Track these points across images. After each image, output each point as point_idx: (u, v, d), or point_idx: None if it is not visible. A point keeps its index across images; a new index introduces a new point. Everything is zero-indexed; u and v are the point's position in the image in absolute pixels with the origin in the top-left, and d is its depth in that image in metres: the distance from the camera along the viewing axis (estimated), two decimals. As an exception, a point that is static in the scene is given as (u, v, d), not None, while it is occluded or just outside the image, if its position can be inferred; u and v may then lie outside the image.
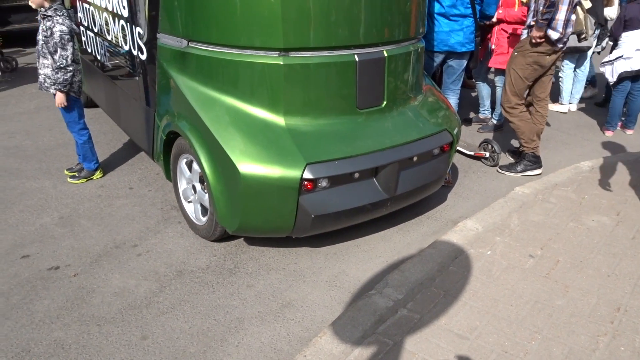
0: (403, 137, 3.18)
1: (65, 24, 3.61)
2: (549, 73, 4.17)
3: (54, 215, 3.63)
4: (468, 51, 4.52)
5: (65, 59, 3.62)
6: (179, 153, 3.31)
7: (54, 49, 3.61)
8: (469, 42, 4.44)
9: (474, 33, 4.45)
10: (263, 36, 2.82)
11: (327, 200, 2.91)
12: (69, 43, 3.62)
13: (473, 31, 4.44)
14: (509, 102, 4.14)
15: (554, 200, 3.76)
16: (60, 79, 3.65)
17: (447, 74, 4.68)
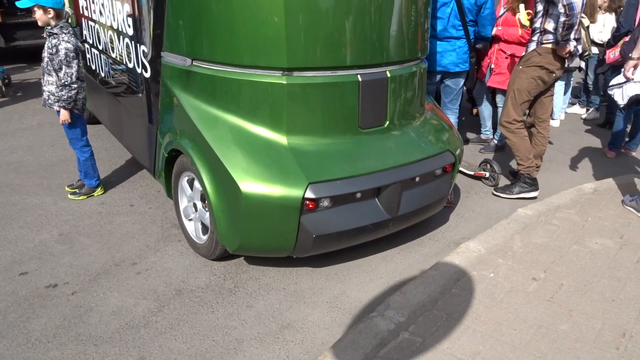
0: (405, 158, 3.17)
1: (71, 41, 3.64)
2: (549, 94, 4.17)
3: (54, 232, 3.61)
4: (463, 71, 4.54)
5: (70, 76, 3.64)
6: (181, 171, 3.30)
7: (59, 66, 3.63)
8: (462, 62, 4.47)
9: (467, 53, 4.48)
10: (267, 56, 2.84)
11: (329, 220, 2.89)
12: (74, 60, 3.64)
13: (467, 51, 4.47)
14: (508, 116, 4.14)
15: (556, 222, 3.74)
16: (65, 96, 3.67)
17: (444, 93, 4.72)
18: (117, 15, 3.83)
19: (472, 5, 4.34)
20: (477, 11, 4.40)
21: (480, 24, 4.49)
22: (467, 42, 4.45)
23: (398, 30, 3.11)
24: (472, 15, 4.39)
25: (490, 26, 4.57)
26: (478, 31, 4.55)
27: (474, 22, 4.47)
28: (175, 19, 3.07)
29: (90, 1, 4.42)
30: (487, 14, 4.44)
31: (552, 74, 3.98)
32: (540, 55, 3.91)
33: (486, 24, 4.51)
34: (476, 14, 4.42)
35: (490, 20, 4.52)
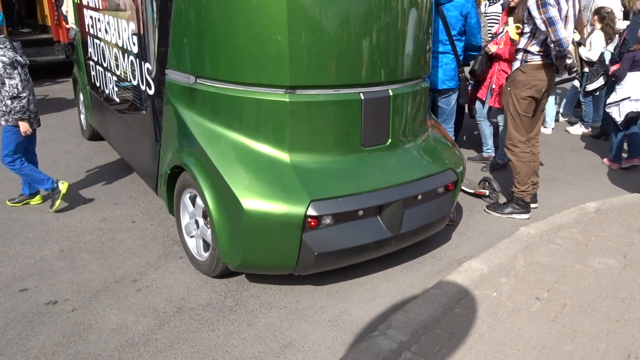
0: (407, 175, 3.17)
1: (7, 55, 3.72)
2: (541, 108, 4.16)
3: (55, 248, 3.60)
4: (451, 88, 4.51)
5: (15, 87, 3.73)
6: (183, 187, 3.30)
7: (1, 80, 3.70)
8: (449, 79, 4.45)
9: (455, 70, 4.46)
10: (270, 74, 2.86)
11: (331, 238, 2.89)
12: (14, 71, 3.72)
13: (454, 68, 4.44)
14: (510, 139, 4.13)
15: (559, 241, 3.72)
16: (17, 107, 3.75)
17: (438, 113, 4.69)
18: (122, 33, 3.88)
19: (457, 17, 4.31)
20: (463, 22, 4.38)
21: (469, 33, 4.47)
22: (455, 57, 4.42)
23: (400, 49, 3.14)
24: (458, 28, 4.37)
25: (479, 34, 4.55)
26: (468, 41, 4.53)
27: (460, 36, 4.44)
28: (179, 37, 3.11)
29: (96, 19, 4.48)
30: (474, 23, 4.43)
31: (542, 90, 3.97)
32: (525, 73, 3.92)
33: (475, 32, 4.49)
34: (463, 25, 4.40)
35: (478, 28, 4.50)
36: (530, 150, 4.15)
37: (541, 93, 3.99)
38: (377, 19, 2.95)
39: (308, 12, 2.78)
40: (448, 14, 4.24)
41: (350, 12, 2.86)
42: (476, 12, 4.43)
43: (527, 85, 3.93)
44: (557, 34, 3.69)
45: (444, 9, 4.23)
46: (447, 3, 4.23)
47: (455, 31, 4.34)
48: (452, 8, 4.25)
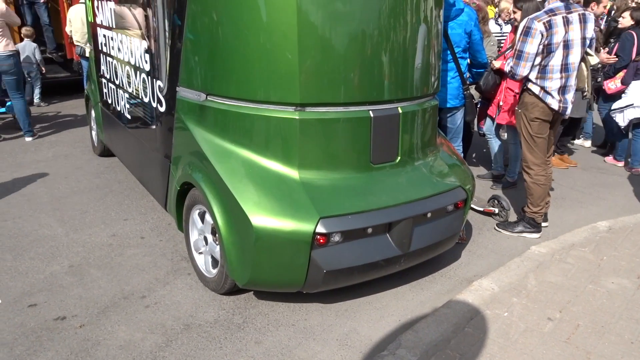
0: (417, 193, 3.16)
1: None
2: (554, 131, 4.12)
3: (64, 263, 3.61)
4: (456, 107, 4.46)
5: None
6: (192, 204, 3.31)
7: None
8: (452, 97, 4.41)
9: (459, 88, 4.41)
10: (280, 91, 2.88)
11: (340, 255, 2.87)
12: None
13: (458, 87, 4.40)
14: (525, 161, 4.09)
15: (571, 260, 3.68)
16: None
17: (445, 132, 4.62)
18: (134, 51, 3.94)
19: (460, 35, 4.28)
20: (467, 40, 4.35)
21: (473, 50, 4.44)
22: (459, 75, 4.39)
23: (410, 67, 3.15)
24: (462, 46, 4.34)
25: (482, 51, 4.52)
26: (473, 58, 4.50)
27: (464, 53, 4.42)
28: (191, 55, 3.15)
29: (110, 38, 4.55)
30: (477, 39, 4.41)
31: (552, 111, 3.88)
32: (531, 95, 3.88)
33: (479, 48, 4.47)
34: (467, 43, 4.37)
35: (481, 44, 4.48)
36: (546, 172, 4.08)
37: (550, 115, 3.92)
38: (387, 37, 2.97)
39: (318, 31, 2.81)
40: (451, 31, 4.23)
41: (360, 30, 2.88)
42: (479, 29, 4.43)
43: (536, 107, 3.88)
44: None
45: (447, 26, 4.24)
46: (450, 21, 4.23)
47: (460, 48, 4.32)
48: (455, 26, 4.24)
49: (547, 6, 3.73)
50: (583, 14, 3.72)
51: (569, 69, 3.76)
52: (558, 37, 3.65)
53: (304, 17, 2.75)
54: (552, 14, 3.64)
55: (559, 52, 3.70)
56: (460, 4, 4.27)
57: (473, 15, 4.36)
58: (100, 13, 4.76)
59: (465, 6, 4.33)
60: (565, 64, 3.74)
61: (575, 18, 3.67)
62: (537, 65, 3.77)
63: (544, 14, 3.66)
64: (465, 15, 4.27)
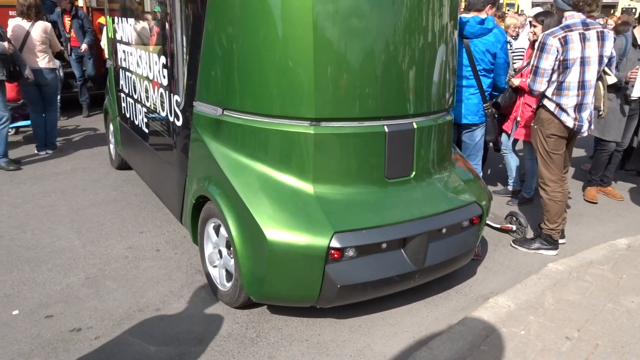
0: (432, 208, 3.14)
1: None
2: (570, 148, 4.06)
3: (81, 275, 3.65)
4: (475, 123, 4.39)
5: None
6: (207, 217, 3.33)
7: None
8: (471, 114, 4.33)
9: (479, 105, 4.33)
10: (296, 106, 2.91)
11: (354, 271, 2.86)
12: None
13: (477, 103, 4.32)
14: (541, 177, 4.05)
15: (589, 278, 3.61)
16: None
17: (462, 148, 4.58)
18: (153, 66, 4.01)
19: (483, 53, 4.21)
20: (491, 60, 4.27)
21: (495, 72, 4.36)
22: (480, 92, 4.32)
23: (425, 82, 3.16)
24: (484, 64, 4.26)
25: (503, 76, 4.44)
26: (494, 80, 4.42)
27: (487, 72, 4.33)
28: (208, 70, 3.19)
29: (129, 53, 4.64)
30: (501, 63, 4.32)
31: (568, 128, 3.84)
32: (547, 111, 3.85)
33: (500, 72, 4.38)
34: (491, 63, 4.29)
35: (504, 69, 4.38)
36: (562, 188, 4.02)
37: (566, 132, 3.88)
38: (402, 53, 2.99)
39: (334, 46, 2.84)
40: (474, 48, 4.19)
41: (375, 46, 2.90)
42: (505, 53, 4.33)
43: (551, 123, 3.85)
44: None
45: (471, 43, 4.20)
46: (475, 38, 4.19)
47: (481, 67, 4.26)
48: (479, 44, 4.19)
49: (565, 22, 3.72)
50: (602, 32, 3.69)
51: (585, 87, 3.73)
52: (574, 54, 3.63)
53: (319, 33, 2.78)
54: (569, 30, 3.63)
55: (575, 69, 3.67)
56: (490, 23, 4.19)
57: (501, 38, 4.26)
58: (120, 29, 4.86)
59: (495, 27, 4.25)
60: (582, 81, 3.71)
61: (593, 35, 3.65)
62: (554, 81, 3.75)
63: (560, 29, 3.65)
64: (492, 36, 4.19)
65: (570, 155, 4.17)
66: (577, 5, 3.67)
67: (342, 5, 2.78)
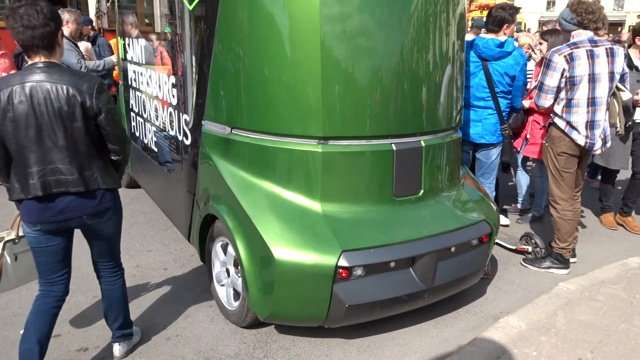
0: (440, 227, 3.12)
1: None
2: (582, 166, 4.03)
3: (89, 294, 3.64)
4: (493, 143, 4.37)
5: None
6: (215, 236, 3.33)
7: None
8: (489, 134, 4.31)
9: (496, 125, 4.31)
10: (303, 124, 2.92)
11: (362, 290, 2.84)
12: None
13: (495, 123, 4.30)
14: (552, 195, 4.01)
15: (601, 298, 3.55)
16: None
17: (477, 166, 4.57)
18: (162, 86, 4.05)
19: (501, 76, 4.21)
20: (509, 82, 4.27)
21: (513, 94, 4.37)
22: (498, 113, 4.30)
23: (432, 100, 3.17)
24: (502, 87, 4.26)
25: (520, 97, 4.45)
26: (511, 102, 4.42)
27: (506, 94, 4.33)
28: (216, 89, 3.22)
29: (139, 73, 4.70)
30: (519, 85, 4.34)
31: (579, 146, 3.81)
32: (558, 129, 3.83)
33: (517, 94, 4.39)
34: (509, 85, 4.29)
35: (520, 91, 4.40)
36: (573, 207, 3.98)
37: (577, 150, 3.85)
38: (409, 71, 3.00)
39: (341, 65, 2.86)
40: (493, 71, 4.18)
41: (382, 64, 2.92)
42: (524, 75, 4.32)
43: (562, 141, 3.83)
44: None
45: (489, 65, 4.18)
46: (494, 61, 4.17)
47: (499, 89, 4.24)
48: (497, 67, 4.18)
49: (572, 40, 3.73)
50: (611, 48, 3.68)
51: (595, 103, 3.71)
52: (581, 70, 3.62)
53: (327, 53, 2.81)
54: (575, 47, 3.63)
55: (583, 86, 3.67)
56: (509, 46, 4.17)
57: (521, 61, 4.26)
58: (131, 50, 4.93)
59: (515, 49, 4.24)
60: (592, 97, 3.69)
61: (602, 52, 3.65)
62: (563, 99, 3.74)
63: (566, 47, 3.66)
64: (511, 58, 4.18)
65: (583, 174, 4.13)
66: (583, 23, 3.68)
67: (349, 25, 2.81)
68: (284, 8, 2.85)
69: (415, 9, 2.95)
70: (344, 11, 2.81)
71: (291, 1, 2.82)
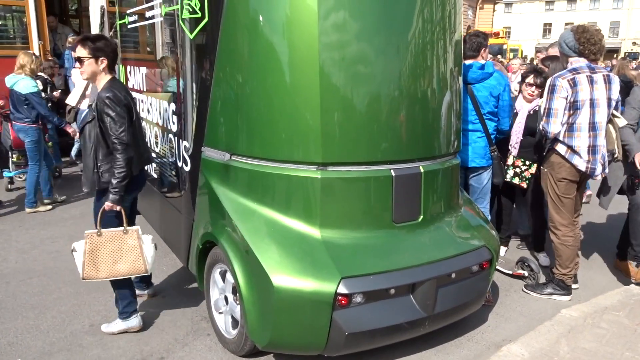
0: (440, 253, 3.11)
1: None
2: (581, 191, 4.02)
3: (85, 322, 3.60)
4: (483, 166, 4.40)
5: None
6: (214, 262, 3.31)
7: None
8: (479, 157, 4.35)
9: (486, 148, 4.36)
10: (302, 151, 2.93)
11: (362, 317, 2.80)
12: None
13: (484, 146, 4.35)
14: (552, 221, 4.00)
15: (605, 325, 3.51)
16: None
17: (470, 192, 4.56)
18: (163, 113, 4.08)
19: (486, 97, 4.27)
20: (495, 103, 4.32)
21: (499, 115, 4.40)
22: (486, 136, 4.35)
23: (431, 126, 3.19)
24: (489, 108, 4.31)
25: (508, 118, 4.48)
26: (498, 125, 4.45)
27: (492, 115, 4.37)
28: (217, 116, 3.25)
29: (140, 100, 4.74)
30: (505, 106, 4.37)
31: (580, 172, 3.81)
32: (558, 155, 3.84)
33: (504, 115, 4.41)
34: (495, 107, 4.34)
35: (507, 112, 4.43)
36: (574, 232, 3.96)
37: (578, 176, 3.84)
38: (407, 97, 3.03)
39: (340, 92, 2.89)
40: (477, 93, 4.26)
41: (381, 91, 2.95)
42: (509, 96, 4.40)
43: (562, 167, 3.83)
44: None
45: (473, 88, 4.26)
46: (477, 83, 4.26)
47: (485, 110, 4.31)
48: (481, 88, 4.27)
49: (570, 66, 3.77)
50: (607, 75, 3.74)
51: (596, 128, 3.73)
52: (584, 95, 3.66)
53: (326, 80, 2.84)
54: (576, 72, 3.68)
55: (585, 110, 3.69)
56: (489, 68, 4.30)
57: (502, 81, 4.35)
58: (132, 77, 4.99)
59: (495, 71, 4.35)
60: (593, 122, 3.72)
61: (599, 78, 3.69)
62: (565, 123, 3.75)
63: (568, 72, 3.70)
64: (493, 79, 4.27)
65: (581, 199, 4.12)
66: (583, 53, 3.73)
67: (348, 53, 2.86)
68: (283, 36, 2.90)
69: (412, 36, 3.00)
70: (342, 39, 2.85)
71: (291, 29, 2.87)
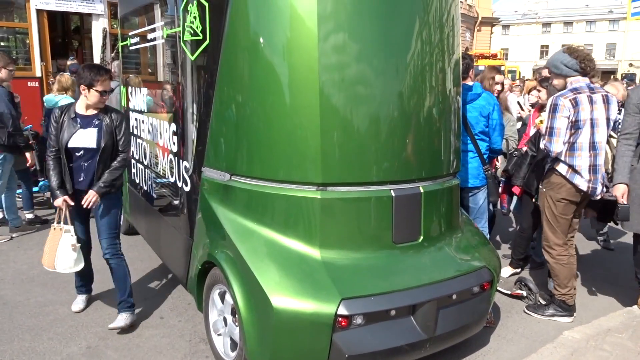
0: (441, 274, 3.09)
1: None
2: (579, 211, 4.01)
3: (82, 344, 3.55)
4: (477, 187, 4.42)
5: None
6: (213, 283, 3.28)
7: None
8: (472, 177, 4.38)
9: (479, 168, 4.39)
10: (302, 171, 2.94)
11: (362, 339, 2.77)
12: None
13: (477, 167, 4.38)
14: (547, 240, 3.98)
15: (608, 347, 3.47)
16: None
17: (467, 212, 4.53)
18: (164, 133, 4.10)
19: (477, 118, 4.31)
20: (485, 123, 4.37)
21: (490, 134, 4.43)
22: (479, 156, 4.38)
23: (430, 146, 3.20)
24: (480, 127, 4.35)
25: (500, 137, 4.50)
26: (490, 144, 4.47)
27: (484, 135, 4.41)
28: (217, 137, 3.26)
29: (140, 121, 4.77)
30: (495, 125, 4.41)
31: (580, 192, 3.81)
32: (558, 175, 3.83)
33: (495, 134, 4.45)
34: (486, 126, 4.38)
35: (499, 130, 4.45)
36: (568, 252, 3.94)
37: (578, 197, 3.84)
38: (407, 118, 3.05)
39: (340, 113, 2.90)
40: (468, 114, 4.29)
41: (381, 112, 2.97)
42: (499, 114, 4.45)
43: (563, 187, 3.82)
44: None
45: (465, 109, 4.28)
46: (467, 104, 4.29)
47: (476, 130, 4.35)
48: (471, 109, 4.31)
49: (570, 86, 3.79)
50: (606, 96, 3.77)
51: (596, 148, 3.74)
52: (585, 114, 3.67)
53: (326, 101, 2.86)
54: (577, 92, 3.70)
55: (586, 130, 3.71)
56: (477, 89, 4.37)
57: (491, 100, 4.41)
58: (133, 98, 5.02)
59: (483, 91, 4.42)
60: (593, 142, 3.73)
61: (599, 98, 3.72)
62: (566, 142, 3.76)
63: (569, 92, 3.72)
64: (482, 99, 4.35)
65: (580, 219, 4.10)
66: (585, 70, 3.76)
67: (347, 74, 2.88)
68: (283, 58, 2.93)
69: (411, 57, 3.02)
70: (342, 61, 2.88)
71: (291, 51, 2.90)
